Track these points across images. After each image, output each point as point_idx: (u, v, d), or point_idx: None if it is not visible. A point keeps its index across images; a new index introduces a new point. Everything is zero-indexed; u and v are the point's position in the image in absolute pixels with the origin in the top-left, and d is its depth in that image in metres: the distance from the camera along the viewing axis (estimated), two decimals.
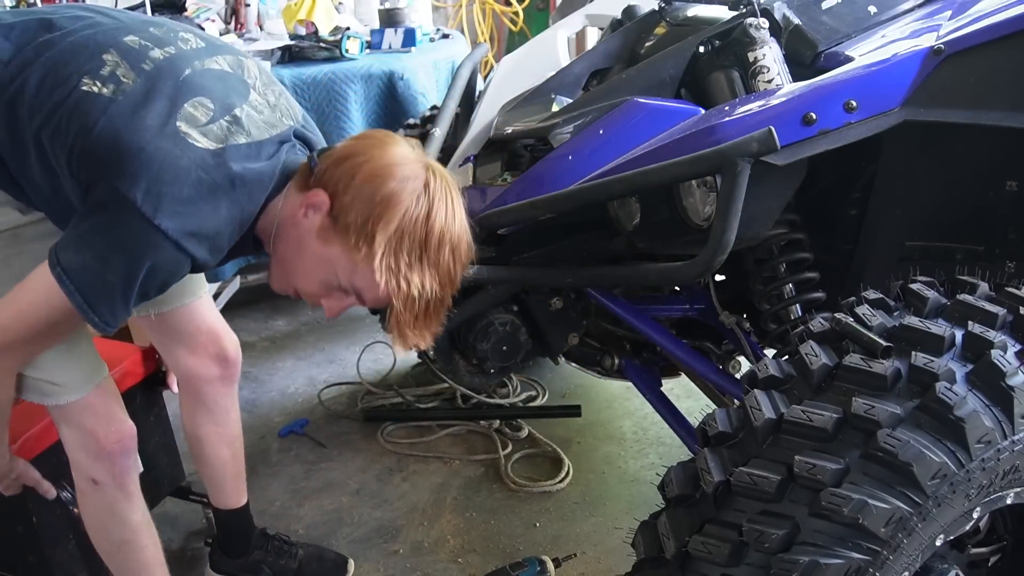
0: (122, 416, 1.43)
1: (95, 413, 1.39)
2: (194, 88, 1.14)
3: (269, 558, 1.87)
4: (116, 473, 1.42)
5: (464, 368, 1.55)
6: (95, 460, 1.40)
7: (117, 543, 1.50)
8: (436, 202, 1.14)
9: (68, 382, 1.36)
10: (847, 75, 1.23)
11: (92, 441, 1.39)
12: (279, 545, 1.89)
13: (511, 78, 1.92)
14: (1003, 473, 0.99)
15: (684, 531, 1.01)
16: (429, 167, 1.17)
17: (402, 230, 1.13)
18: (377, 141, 1.19)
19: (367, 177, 1.13)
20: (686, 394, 2.27)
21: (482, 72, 3.16)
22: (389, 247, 1.13)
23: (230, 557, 1.86)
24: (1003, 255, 1.42)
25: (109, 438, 1.39)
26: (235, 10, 3.08)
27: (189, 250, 1.10)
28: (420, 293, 1.15)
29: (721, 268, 1.23)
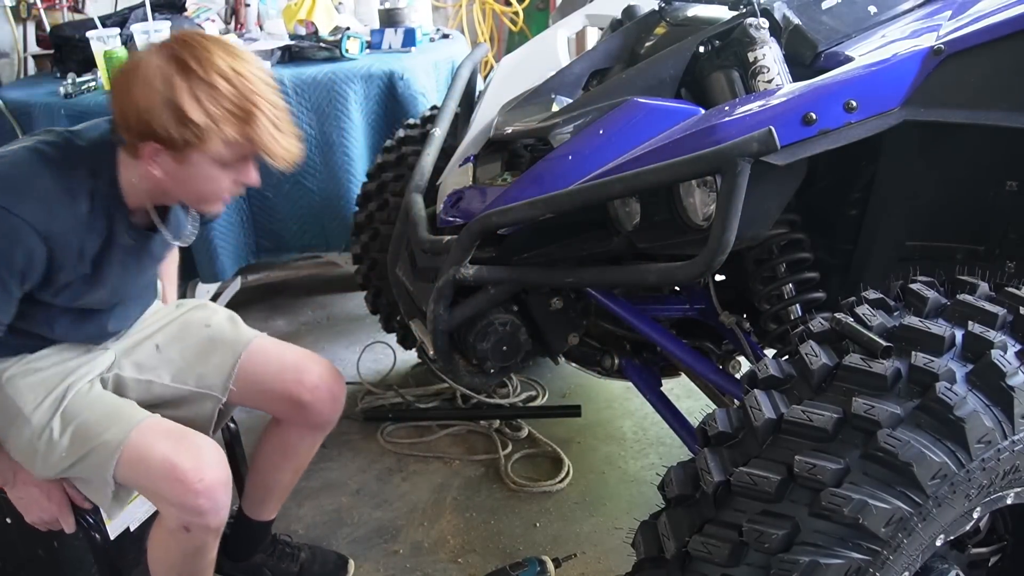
0: (203, 449, 1.39)
1: (159, 451, 1.35)
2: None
3: (271, 561, 1.87)
4: (209, 518, 1.37)
5: (464, 368, 1.54)
6: (181, 506, 1.36)
7: (187, 574, 1.49)
8: (188, 63, 1.23)
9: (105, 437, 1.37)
10: (847, 75, 1.23)
11: (174, 479, 1.34)
12: (282, 548, 1.90)
13: (511, 78, 1.92)
14: (1003, 473, 0.99)
15: (684, 531, 1.01)
16: (160, 47, 1.27)
17: (197, 102, 1.23)
18: (124, 77, 1.28)
19: (144, 104, 1.24)
20: (686, 394, 2.27)
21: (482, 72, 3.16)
22: (209, 118, 1.24)
23: (231, 559, 1.86)
24: (1003, 255, 1.42)
25: (193, 474, 1.34)
26: (235, 10, 3.08)
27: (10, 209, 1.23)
28: (256, 111, 1.27)
29: (721, 268, 1.23)
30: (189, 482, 1.34)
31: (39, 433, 1.39)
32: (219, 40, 1.30)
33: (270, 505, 1.83)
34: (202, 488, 1.35)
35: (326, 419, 1.71)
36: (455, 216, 1.59)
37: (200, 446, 1.40)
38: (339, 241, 2.74)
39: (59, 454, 1.39)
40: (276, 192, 2.65)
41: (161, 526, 1.44)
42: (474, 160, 1.72)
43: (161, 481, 1.35)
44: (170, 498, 1.37)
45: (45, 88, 2.66)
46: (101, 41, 2.49)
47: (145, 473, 1.37)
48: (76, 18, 3.14)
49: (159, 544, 1.46)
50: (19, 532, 1.55)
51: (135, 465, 1.37)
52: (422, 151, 1.86)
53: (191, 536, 1.40)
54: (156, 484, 1.37)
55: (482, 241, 1.40)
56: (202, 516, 1.37)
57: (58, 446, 1.39)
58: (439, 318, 1.45)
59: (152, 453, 1.36)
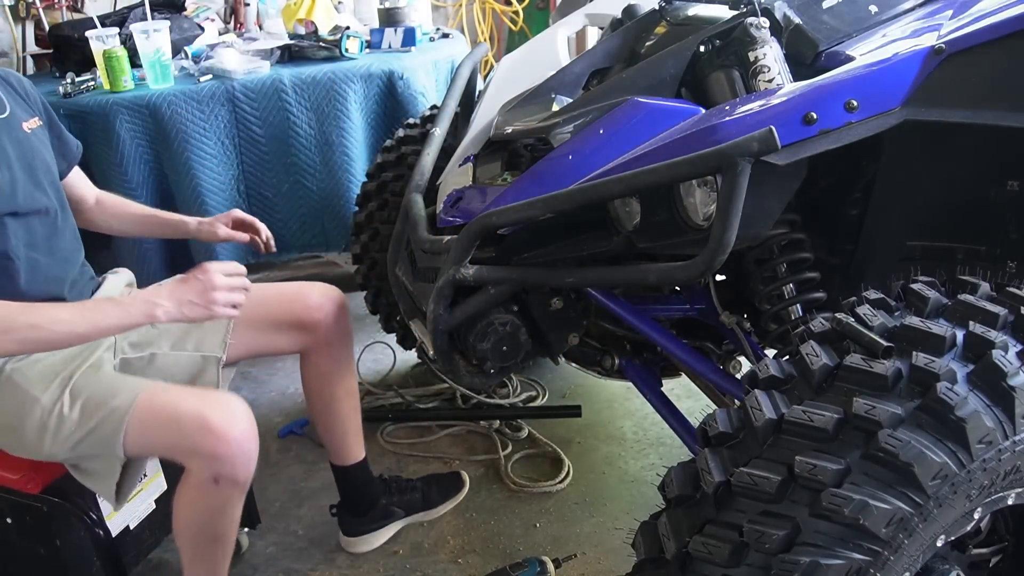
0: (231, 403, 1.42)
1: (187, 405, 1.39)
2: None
3: (395, 498, 2.00)
4: (240, 467, 1.41)
5: (464, 368, 1.54)
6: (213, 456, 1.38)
7: (213, 536, 1.51)
8: None
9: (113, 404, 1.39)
10: (848, 74, 1.22)
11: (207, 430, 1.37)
12: (399, 484, 2.01)
13: (511, 78, 1.91)
14: (1004, 473, 0.99)
15: (684, 532, 1.01)
16: None
17: None
18: None
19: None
20: (686, 394, 2.27)
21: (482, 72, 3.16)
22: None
23: (359, 516, 1.94)
24: (1004, 255, 1.41)
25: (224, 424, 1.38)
26: (234, 9, 3.08)
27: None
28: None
29: (721, 268, 1.23)
30: (222, 431, 1.38)
31: (49, 410, 1.42)
32: None
33: (352, 443, 1.90)
34: (235, 436, 1.39)
35: (343, 330, 1.80)
36: (455, 216, 1.59)
37: (228, 399, 1.44)
38: (339, 241, 2.74)
39: (69, 428, 1.41)
40: (276, 192, 2.65)
41: (188, 484, 1.46)
42: (474, 160, 1.71)
43: (193, 434, 1.38)
44: (202, 449, 1.39)
45: (44, 87, 2.65)
46: (100, 40, 2.49)
47: (174, 429, 1.39)
48: (75, 17, 3.14)
49: (186, 504, 1.48)
50: (19, 531, 1.55)
51: (156, 426, 1.39)
52: (422, 151, 1.85)
53: (219, 490, 1.43)
54: (186, 438, 1.39)
55: (482, 241, 1.40)
56: (233, 465, 1.40)
57: (68, 419, 1.41)
58: (439, 318, 1.44)
59: (179, 409, 1.39)
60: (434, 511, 2.05)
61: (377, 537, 1.99)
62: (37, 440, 1.43)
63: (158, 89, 2.47)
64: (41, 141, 1.57)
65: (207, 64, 2.58)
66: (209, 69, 2.56)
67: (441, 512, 2.07)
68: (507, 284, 1.43)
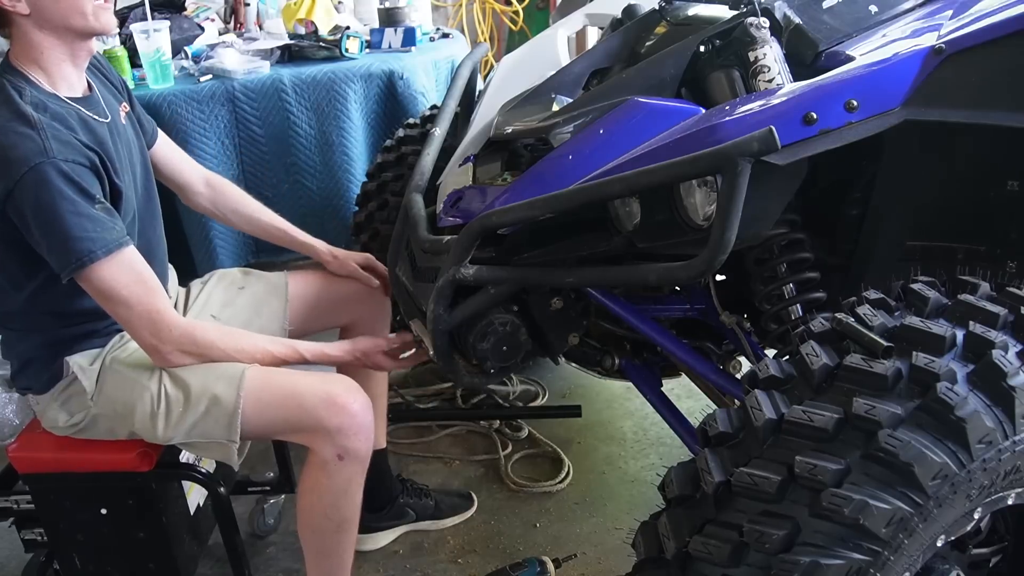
0: (346, 380, 1.50)
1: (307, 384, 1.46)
2: None
3: (411, 500, 2.04)
4: (363, 440, 1.47)
5: (464, 368, 1.54)
6: (339, 430, 1.44)
7: (339, 522, 1.55)
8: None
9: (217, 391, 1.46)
10: (848, 74, 1.22)
11: (332, 405, 1.44)
12: (414, 488, 2.05)
13: (511, 78, 1.91)
14: (1004, 473, 0.99)
15: (684, 531, 1.01)
16: None
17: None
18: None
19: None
20: (687, 394, 2.27)
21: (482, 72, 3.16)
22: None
23: (375, 511, 1.96)
24: (1004, 255, 1.41)
25: (347, 398, 1.45)
26: (234, 9, 3.08)
27: None
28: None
29: (721, 268, 1.23)
30: (345, 404, 1.45)
31: (158, 396, 1.47)
32: None
33: (378, 427, 1.92)
34: (357, 408, 1.46)
35: (383, 308, 1.88)
36: (455, 216, 1.58)
37: (341, 378, 1.51)
38: (339, 241, 2.73)
39: (178, 412, 1.46)
40: (276, 192, 2.65)
41: (312, 466, 1.51)
42: (474, 160, 1.71)
43: (317, 408, 1.44)
44: (328, 424, 1.45)
45: None
46: (100, 40, 2.49)
47: (296, 408, 1.45)
48: None
49: (311, 489, 1.53)
50: (116, 520, 1.59)
51: (277, 407, 1.45)
52: (422, 151, 1.85)
53: (343, 467, 1.48)
54: (309, 414, 1.45)
55: (482, 241, 1.40)
56: (357, 438, 1.46)
57: (176, 404, 1.47)
58: (439, 318, 1.44)
59: (299, 387, 1.46)
60: (441, 522, 2.06)
61: (385, 536, 2.01)
62: (150, 426, 1.48)
63: (158, 89, 2.47)
64: (132, 128, 1.59)
65: (207, 64, 2.58)
66: (209, 69, 2.56)
67: (447, 524, 2.06)
68: (507, 284, 1.43)
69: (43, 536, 1.65)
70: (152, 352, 1.44)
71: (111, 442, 1.54)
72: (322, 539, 1.57)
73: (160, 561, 1.63)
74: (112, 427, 1.53)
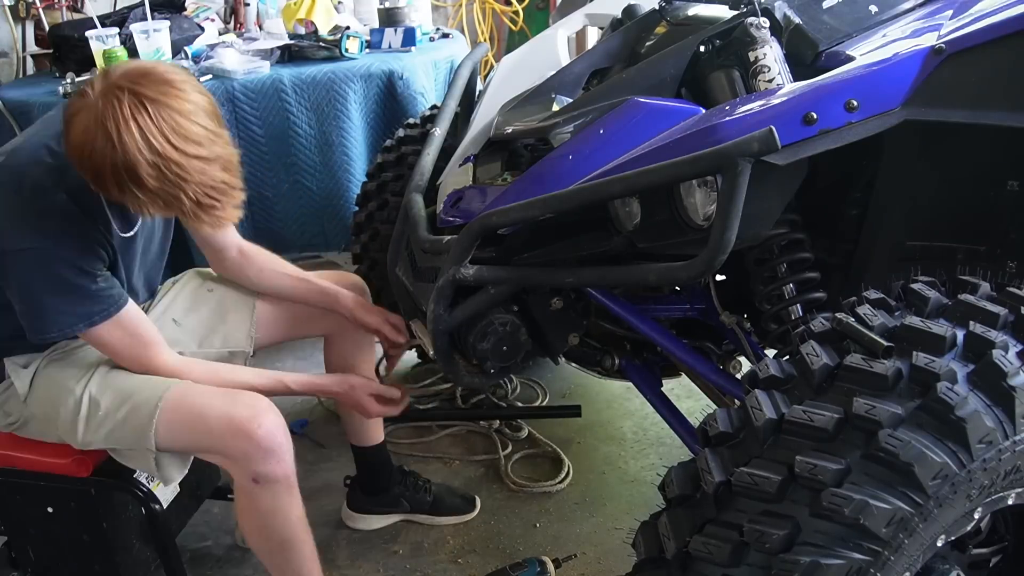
0: (255, 400, 1.45)
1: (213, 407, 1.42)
2: None
3: (407, 492, 2.04)
4: (274, 464, 1.43)
5: (464, 368, 1.54)
6: (244, 456, 1.41)
7: (279, 542, 1.52)
8: (121, 129, 1.19)
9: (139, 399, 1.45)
10: (848, 75, 1.22)
11: (235, 432, 1.40)
12: (414, 481, 2.05)
13: (511, 78, 1.91)
14: (1004, 473, 0.99)
15: (685, 531, 1.01)
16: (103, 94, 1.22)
17: (149, 164, 1.21)
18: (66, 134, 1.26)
19: (106, 167, 1.22)
20: (687, 394, 2.27)
21: (482, 72, 3.16)
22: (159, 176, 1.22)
23: (370, 495, 2.00)
24: (1004, 255, 1.41)
25: (251, 423, 1.41)
26: (234, 9, 3.08)
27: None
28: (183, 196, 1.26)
29: (721, 268, 1.23)
30: (248, 430, 1.40)
31: (81, 400, 1.46)
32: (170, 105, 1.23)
33: (372, 425, 1.95)
34: (262, 433, 1.41)
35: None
36: (455, 216, 1.58)
37: (251, 396, 1.46)
38: (339, 241, 2.73)
39: (99, 418, 1.45)
40: (275, 192, 2.64)
41: (237, 490, 1.49)
42: (474, 160, 1.71)
43: (223, 435, 1.41)
44: (233, 451, 1.42)
45: (44, 87, 2.65)
46: (100, 40, 2.49)
47: (203, 431, 1.42)
48: (75, 17, 3.14)
49: (242, 512, 1.51)
50: (62, 520, 1.59)
51: (186, 427, 1.42)
52: (422, 151, 1.85)
53: (262, 490, 1.44)
54: (215, 440, 1.42)
55: (482, 241, 1.40)
56: (266, 463, 1.42)
57: (98, 409, 1.46)
58: (439, 318, 1.44)
59: (206, 411, 1.42)
60: (437, 519, 2.06)
61: (377, 520, 2.04)
62: (71, 429, 1.48)
63: None
64: None
65: (207, 64, 2.58)
66: (209, 69, 2.56)
67: (442, 523, 2.06)
68: (507, 284, 1.43)
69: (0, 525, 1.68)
70: None
71: (55, 444, 1.54)
72: (270, 558, 1.55)
73: (104, 565, 1.63)
74: (42, 430, 1.54)
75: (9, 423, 1.56)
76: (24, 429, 1.56)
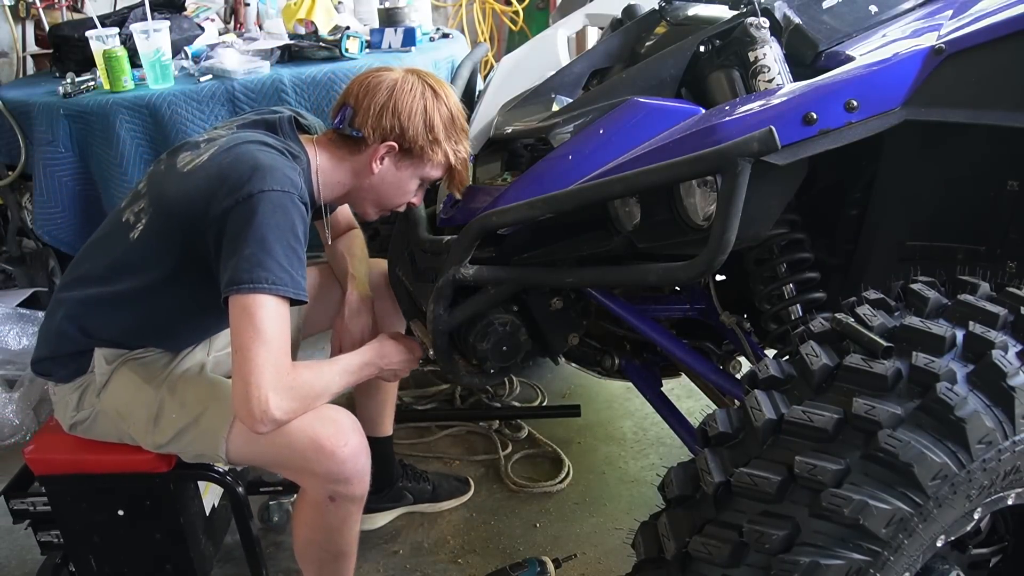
0: (340, 417, 1.42)
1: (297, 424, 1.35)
2: None
3: (410, 484, 2.07)
4: (355, 485, 1.42)
5: (464, 368, 1.54)
6: (327, 475, 1.39)
7: (334, 554, 1.53)
8: (436, 89, 1.50)
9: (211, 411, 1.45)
10: (848, 75, 1.22)
11: (319, 451, 1.37)
12: (414, 472, 2.09)
13: (511, 78, 1.91)
14: (1004, 474, 0.99)
15: (684, 532, 1.01)
16: (408, 71, 1.52)
17: (442, 121, 1.49)
18: (380, 83, 1.48)
19: (403, 110, 1.46)
20: (687, 394, 2.27)
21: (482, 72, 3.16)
22: (447, 138, 1.50)
23: (374, 492, 1.94)
24: (1004, 255, 1.41)
25: (336, 442, 1.38)
26: (234, 9, 3.08)
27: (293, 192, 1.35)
28: (465, 152, 1.54)
29: (721, 268, 1.23)
30: (334, 449, 1.38)
31: (155, 400, 1.48)
32: (445, 83, 1.54)
33: (386, 416, 1.97)
34: (347, 454, 1.39)
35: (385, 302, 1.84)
36: (455, 216, 1.59)
37: (336, 414, 1.42)
38: None
39: (169, 417, 1.46)
40: None
41: (305, 502, 1.48)
42: (474, 160, 1.71)
43: (304, 452, 1.38)
44: (315, 469, 1.39)
45: (44, 88, 2.65)
46: (100, 40, 2.49)
47: (284, 446, 1.38)
48: (75, 17, 3.14)
49: (304, 523, 1.50)
50: (134, 521, 1.59)
51: (264, 440, 1.36)
52: None
53: (336, 507, 1.44)
54: (296, 456, 1.39)
55: (482, 241, 1.40)
56: (348, 483, 1.41)
57: (170, 412, 1.46)
58: (439, 318, 1.44)
59: (289, 427, 1.36)
60: (439, 505, 2.09)
61: (382, 517, 2.05)
62: (143, 429, 1.49)
63: (158, 89, 2.47)
64: None
65: (207, 64, 2.58)
66: (209, 69, 2.56)
67: (445, 507, 2.10)
68: (507, 284, 1.43)
69: (59, 538, 1.65)
70: (260, 404, 1.29)
71: (123, 445, 1.55)
72: (319, 567, 1.56)
73: (177, 561, 1.64)
74: (108, 428, 1.54)
75: (77, 420, 1.54)
76: (91, 428, 1.54)
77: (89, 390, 1.53)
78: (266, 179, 1.32)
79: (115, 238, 1.49)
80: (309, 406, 1.36)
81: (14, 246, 3.26)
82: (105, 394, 1.51)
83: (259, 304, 1.29)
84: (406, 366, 1.61)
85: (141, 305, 1.47)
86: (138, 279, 1.45)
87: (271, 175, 1.33)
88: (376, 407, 1.95)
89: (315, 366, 1.43)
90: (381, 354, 1.56)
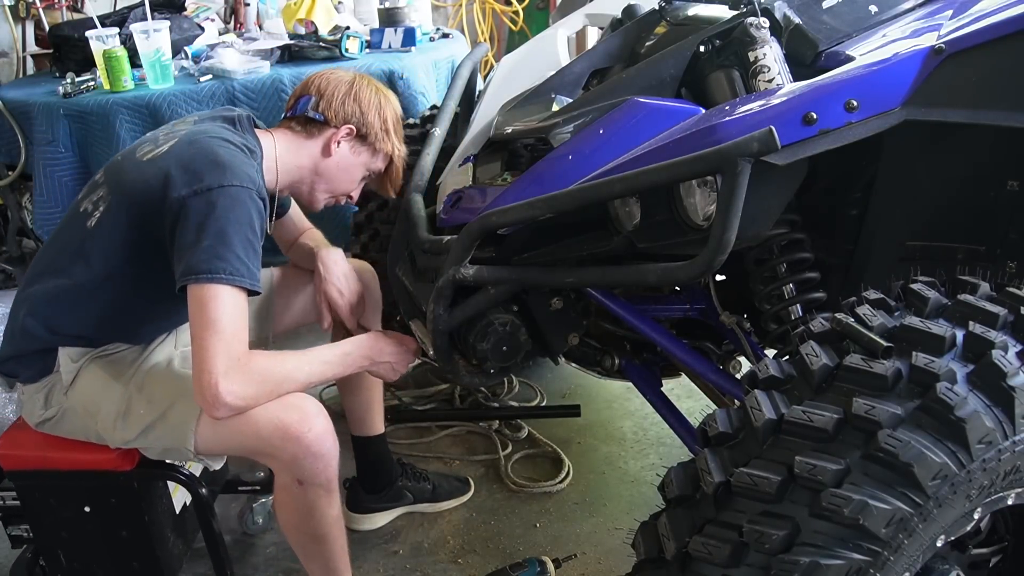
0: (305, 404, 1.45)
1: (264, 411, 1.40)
2: None
3: (409, 483, 2.08)
4: (320, 468, 1.45)
5: (464, 368, 1.54)
6: (293, 459, 1.42)
7: (313, 537, 1.55)
8: (386, 93, 1.69)
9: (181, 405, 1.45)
10: (848, 74, 1.22)
11: (285, 436, 1.40)
12: (413, 471, 2.10)
13: (511, 78, 1.91)
14: (1004, 474, 0.99)
15: (684, 532, 1.01)
16: (359, 75, 1.69)
17: (392, 117, 1.68)
18: (346, 79, 1.65)
19: (364, 100, 1.63)
20: (687, 394, 2.27)
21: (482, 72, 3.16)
22: (395, 134, 1.68)
23: (373, 492, 2.02)
24: (1004, 255, 1.42)
25: (301, 427, 1.41)
26: (234, 9, 3.08)
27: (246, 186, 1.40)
28: (403, 152, 1.71)
29: (721, 268, 1.23)
30: (299, 434, 1.41)
31: (123, 397, 1.49)
32: None
33: (375, 414, 1.99)
34: (312, 438, 1.42)
35: (373, 299, 1.89)
36: (455, 216, 1.59)
37: (301, 401, 1.45)
38: (339, 241, 2.73)
39: (138, 412, 1.47)
40: None
41: (278, 487, 1.51)
42: (474, 160, 1.71)
43: (271, 438, 1.41)
44: (281, 455, 1.43)
45: (44, 87, 2.66)
46: (100, 40, 2.49)
47: (251, 434, 1.41)
48: (75, 17, 3.15)
49: (280, 507, 1.53)
50: (100, 518, 1.60)
51: (232, 429, 1.41)
52: (422, 151, 1.85)
53: (305, 490, 1.47)
54: (263, 442, 1.42)
55: (482, 241, 1.40)
56: (313, 468, 1.44)
57: (140, 407, 1.48)
58: (439, 318, 1.44)
59: (255, 414, 1.40)
60: (439, 505, 2.10)
61: (382, 517, 2.05)
62: (110, 426, 1.49)
63: (158, 89, 2.47)
64: None
65: (207, 64, 2.58)
66: (209, 69, 2.56)
67: (445, 507, 2.10)
68: (507, 284, 1.43)
69: (29, 532, 1.66)
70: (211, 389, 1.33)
71: (88, 443, 1.56)
72: (303, 550, 1.59)
73: (144, 560, 1.64)
74: (76, 426, 1.55)
75: (45, 418, 1.56)
76: (58, 425, 1.56)
77: (56, 389, 1.54)
78: (226, 174, 1.38)
79: (73, 228, 1.51)
80: (271, 392, 1.40)
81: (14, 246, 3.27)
82: (72, 391, 1.52)
83: (214, 294, 1.34)
84: (400, 359, 1.62)
85: (102, 296, 1.49)
86: (98, 268, 1.47)
87: (231, 170, 1.38)
88: (362, 405, 1.96)
89: (277, 354, 1.46)
90: (374, 348, 1.58)
